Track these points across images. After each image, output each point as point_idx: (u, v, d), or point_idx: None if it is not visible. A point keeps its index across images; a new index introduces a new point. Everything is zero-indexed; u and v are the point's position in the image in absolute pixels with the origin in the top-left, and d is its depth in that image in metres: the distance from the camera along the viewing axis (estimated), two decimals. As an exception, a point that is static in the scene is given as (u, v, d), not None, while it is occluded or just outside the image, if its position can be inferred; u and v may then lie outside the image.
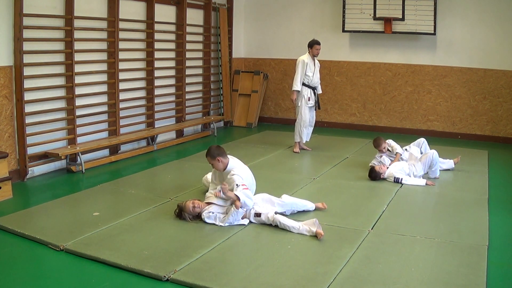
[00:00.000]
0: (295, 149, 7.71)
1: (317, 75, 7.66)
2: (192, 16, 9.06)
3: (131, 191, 5.59)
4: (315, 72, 7.58)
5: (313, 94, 7.64)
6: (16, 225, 4.46)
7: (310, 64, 7.49)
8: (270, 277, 3.54)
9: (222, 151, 4.83)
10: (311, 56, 7.54)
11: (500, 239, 4.38)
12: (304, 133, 7.68)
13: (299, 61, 7.48)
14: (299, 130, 7.65)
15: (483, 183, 6.15)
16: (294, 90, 7.51)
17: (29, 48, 5.96)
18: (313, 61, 7.57)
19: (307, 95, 7.55)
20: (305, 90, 7.53)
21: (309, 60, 7.50)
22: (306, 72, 7.46)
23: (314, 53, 7.52)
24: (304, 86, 7.52)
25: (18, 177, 5.98)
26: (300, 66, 7.44)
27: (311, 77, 7.53)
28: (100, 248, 3.96)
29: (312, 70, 7.52)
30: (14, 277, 3.58)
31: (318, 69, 7.69)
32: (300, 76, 7.44)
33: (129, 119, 7.70)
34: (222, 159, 4.79)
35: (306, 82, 7.52)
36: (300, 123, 7.63)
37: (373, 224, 4.61)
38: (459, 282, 3.51)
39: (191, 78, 9.24)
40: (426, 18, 8.97)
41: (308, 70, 7.47)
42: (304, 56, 7.52)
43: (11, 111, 5.87)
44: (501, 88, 8.93)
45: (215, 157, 4.78)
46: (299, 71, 7.43)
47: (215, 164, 4.82)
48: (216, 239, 4.18)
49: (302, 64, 7.44)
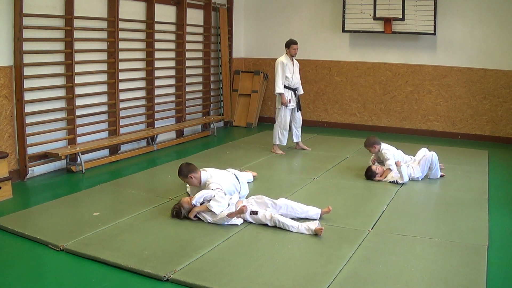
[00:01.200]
0: (277, 151, 7.57)
1: (297, 76, 7.54)
2: (192, 16, 9.06)
3: (131, 191, 5.59)
4: (294, 72, 7.46)
5: (294, 95, 7.55)
6: (16, 225, 4.46)
7: (289, 65, 7.37)
8: (270, 277, 3.54)
9: (192, 168, 4.93)
10: (289, 57, 7.44)
11: (500, 239, 4.38)
12: (284, 136, 7.56)
13: (277, 63, 7.34)
14: (278, 133, 7.53)
15: (483, 183, 6.15)
16: (278, 93, 7.36)
17: (29, 48, 5.96)
18: (292, 62, 7.46)
19: (288, 97, 7.42)
20: (285, 91, 7.39)
21: (288, 61, 7.39)
22: (286, 73, 7.34)
23: (291, 53, 7.41)
24: (285, 88, 7.39)
25: (18, 177, 5.98)
26: (279, 68, 7.29)
27: (291, 78, 7.41)
28: (100, 248, 3.96)
29: (291, 71, 7.40)
30: (14, 277, 3.58)
31: (298, 70, 7.59)
32: (281, 78, 7.30)
33: (129, 119, 7.70)
34: (194, 175, 4.89)
35: (286, 83, 7.39)
36: (279, 125, 7.50)
37: (373, 224, 4.61)
38: (459, 282, 3.51)
39: (191, 78, 9.24)
40: (426, 18, 8.97)
41: (287, 71, 7.34)
42: (282, 57, 7.40)
43: (11, 111, 5.87)
44: (501, 88, 8.93)
45: (187, 175, 4.90)
46: (279, 73, 7.29)
47: (189, 182, 4.93)
48: (216, 239, 4.18)
49: (281, 65, 7.31)
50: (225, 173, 5.13)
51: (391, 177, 6.02)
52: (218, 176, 4.94)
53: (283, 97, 7.37)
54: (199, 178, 4.90)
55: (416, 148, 6.78)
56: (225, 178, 5.01)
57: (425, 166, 6.14)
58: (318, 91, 10.34)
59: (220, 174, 5.01)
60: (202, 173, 4.93)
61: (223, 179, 4.94)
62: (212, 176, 4.91)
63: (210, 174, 4.95)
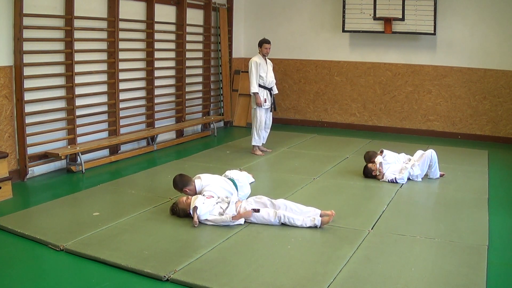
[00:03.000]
0: (256, 152, 7.54)
1: (271, 75, 7.52)
2: (192, 16, 9.06)
3: (131, 191, 5.59)
4: (268, 71, 7.45)
5: (269, 95, 7.54)
6: (16, 225, 4.46)
7: (262, 64, 7.37)
8: (270, 277, 3.54)
9: (185, 180, 4.94)
10: (262, 56, 7.44)
11: (500, 239, 4.38)
12: (261, 136, 7.55)
13: (251, 63, 7.33)
14: (254, 134, 7.50)
15: (483, 183, 6.15)
16: (254, 92, 7.34)
17: (29, 48, 5.96)
18: (265, 61, 7.46)
19: (263, 97, 7.40)
20: (260, 91, 7.38)
21: (261, 60, 7.38)
22: (260, 73, 7.33)
23: (263, 52, 7.40)
24: (260, 87, 7.38)
25: (18, 177, 5.98)
26: (253, 67, 7.28)
27: (265, 78, 7.39)
28: (100, 248, 3.96)
29: (265, 70, 7.39)
30: (14, 277, 3.58)
31: (271, 69, 7.58)
32: (255, 77, 7.29)
33: (129, 119, 7.69)
34: (188, 188, 4.90)
35: (261, 83, 7.38)
36: (256, 125, 7.48)
37: (373, 224, 4.61)
38: (459, 282, 3.51)
39: (191, 78, 9.24)
40: (426, 18, 8.97)
41: (261, 70, 7.33)
42: (255, 57, 7.40)
43: (11, 111, 5.87)
44: (501, 88, 8.93)
45: (182, 188, 4.92)
46: (253, 72, 7.27)
47: (185, 193, 4.92)
48: (216, 239, 4.19)
49: (254, 65, 7.30)
50: (219, 179, 5.09)
51: (391, 175, 6.02)
52: (212, 183, 4.92)
53: (258, 97, 7.37)
54: (194, 189, 4.90)
55: (416, 148, 6.79)
56: (219, 184, 4.98)
57: (424, 164, 6.13)
58: (318, 91, 10.34)
59: (214, 181, 4.98)
60: (196, 182, 4.93)
61: (217, 186, 4.92)
62: (207, 183, 4.90)
63: (204, 181, 4.93)
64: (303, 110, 10.56)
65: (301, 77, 10.45)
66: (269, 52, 7.48)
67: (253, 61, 7.34)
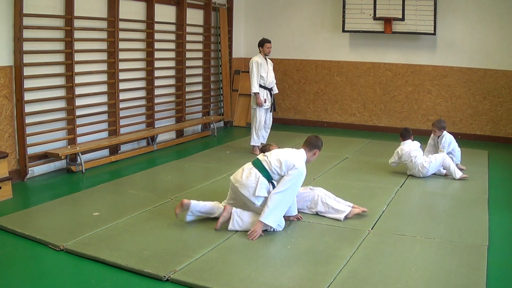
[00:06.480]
0: (256, 152, 7.48)
1: (272, 75, 7.53)
2: (192, 16, 9.06)
3: (131, 191, 5.59)
4: (268, 71, 7.45)
5: (269, 95, 7.54)
6: (16, 225, 4.46)
7: (263, 64, 7.37)
8: (270, 277, 3.54)
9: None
10: (263, 56, 7.44)
11: (500, 239, 4.38)
12: (260, 136, 7.56)
13: (252, 62, 7.33)
14: (253, 134, 7.52)
15: (483, 183, 6.16)
16: (254, 92, 7.35)
17: (29, 48, 5.96)
18: (266, 61, 7.46)
19: (263, 97, 7.41)
20: (260, 91, 7.38)
21: (262, 60, 7.39)
22: (260, 73, 7.34)
23: (265, 52, 7.41)
24: (260, 87, 7.39)
25: (18, 177, 5.98)
26: (254, 67, 7.29)
27: (266, 78, 7.40)
28: (100, 248, 3.96)
29: (266, 70, 7.39)
30: (14, 277, 3.58)
31: (272, 68, 7.58)
32: (256, 77, 7.30)
33: (129, 119, 7.69)
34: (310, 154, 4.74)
35: (262, 83, 7.38)
36: (255, 126, 7.49)
37: (373, 224, 4.61)
38: (459, 282, 3.51)
39: (191, 78, 9.24)
40: (426, 18, 8.97)
41: (262, 70, 7.34)
42: (256, 57, 7.40)
43: (11, 111, 5.87)
44: (501, 88, 8.94)
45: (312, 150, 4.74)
46: (254, 72, 7.28)
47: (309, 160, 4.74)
48: (216, 239, 4.18)
49: (256, 65, 7.30)
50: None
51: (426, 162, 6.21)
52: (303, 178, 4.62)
53: (258, 97, 7.37)
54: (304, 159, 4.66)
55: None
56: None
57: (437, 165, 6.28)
58: (318, 91, 10.34)
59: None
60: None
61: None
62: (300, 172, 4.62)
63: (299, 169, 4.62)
64: (303, 110, 10.56)
65: (301, 77, 10.45)
66: (271, 51, 7.49)
67: (254, 61, 7.34)
